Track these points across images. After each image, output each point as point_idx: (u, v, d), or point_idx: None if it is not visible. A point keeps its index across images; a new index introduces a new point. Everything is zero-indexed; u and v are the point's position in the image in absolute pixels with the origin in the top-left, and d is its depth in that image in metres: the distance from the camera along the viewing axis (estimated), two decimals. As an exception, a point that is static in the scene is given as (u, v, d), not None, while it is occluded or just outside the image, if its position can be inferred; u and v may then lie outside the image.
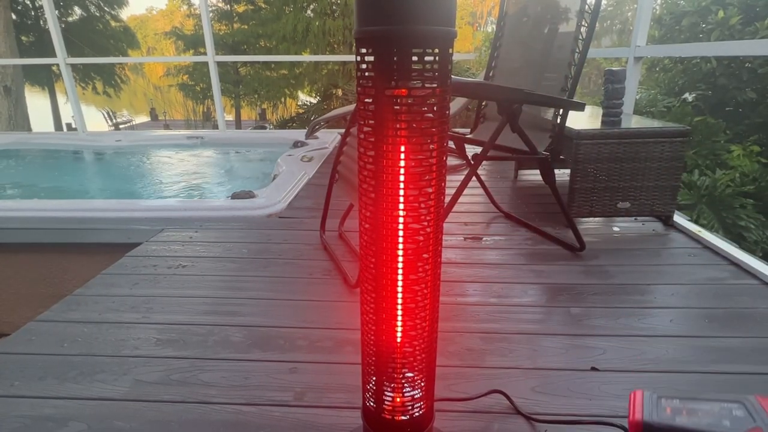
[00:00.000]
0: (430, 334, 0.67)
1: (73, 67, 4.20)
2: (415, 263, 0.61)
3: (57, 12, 5.04)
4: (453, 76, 0.57)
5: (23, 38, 12.28)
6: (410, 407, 0.71)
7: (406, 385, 0.69)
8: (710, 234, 1.78)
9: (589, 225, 2.01)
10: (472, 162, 1.54)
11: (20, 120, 8.39)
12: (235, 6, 13.57)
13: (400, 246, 0.60)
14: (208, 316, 1.31)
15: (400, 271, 0.61)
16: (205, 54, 3.89)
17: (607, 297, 1.40)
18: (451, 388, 1.01)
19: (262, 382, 1.03)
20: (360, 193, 0.61)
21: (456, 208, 2.16)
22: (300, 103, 13.32)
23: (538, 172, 1.72)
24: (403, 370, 0.68)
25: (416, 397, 0.70)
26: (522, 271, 1.58)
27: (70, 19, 13.39)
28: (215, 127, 7.48)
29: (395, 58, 0.51)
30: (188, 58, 15.65)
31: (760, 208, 4.19)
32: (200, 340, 1.19)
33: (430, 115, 0.55)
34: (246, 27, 13.37)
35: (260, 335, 1.21)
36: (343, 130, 1.87)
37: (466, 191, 1.53)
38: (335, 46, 11.22)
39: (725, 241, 1.74)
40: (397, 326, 0.65)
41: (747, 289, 1.44)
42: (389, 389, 0.69)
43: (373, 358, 0.68)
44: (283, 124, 12.49)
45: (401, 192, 0.57)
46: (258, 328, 1.24)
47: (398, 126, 0.54)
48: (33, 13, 12.57)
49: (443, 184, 0.60)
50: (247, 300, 1.40)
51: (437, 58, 0.52)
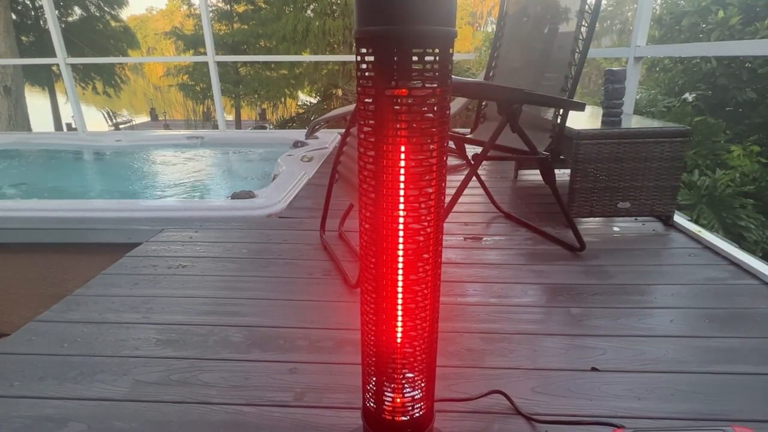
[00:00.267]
0: (430, 334, 0.67)
1: (73, 67, 4.20)
2: (415, 263, 0.61)
3: (57, 12, 5.03)
4: (453, 76, 0.56)
5: (23, 38, 12.27)
6: (410, 408, 0.71)
7: (406, 385, 0.69)
8: (710, 234, 1.78)
9: (589, 225, 2.01)
10: (472, 162, 1.54)
11: (20, 120, 8.39)
12: (235, 6, 13.57)
13: (400, 246, 0.60)
14: (208, 316, 1.31)
15: (400, 271, 0.61)
16: (205, 54, 3.89)
17: (607, 297, 1.40)
18: (451, 388, 1.00)
19: (262, 382, 1.03)
20: (360, 193, 0.61)
21: (456, 208, 2.16)
22: (300, 103, 13.32)
23: (538, 172, 1.72)
24: (404, 371, 0.68)
25: (416, 397, 0.70)
26: (522, 271, 1.58)
27: (70, 19, 13.39)
28: (215, 127, 7.48)
29: (395, 58, 0.51)
30: (188, 58, 15.64)
31: (760, 208, 4.19)
32: (200, 340, 1.19)
33: (430, 115, 0.54)
34: (246, 27, 13.37)
35: (260, 335, 1.21)
36: (343, 130, 1.87)
37: (466, 191, 1.53)
38: (335, 46, 11.22)
39: (725, 241, 1.74)
40: (397, 326, 0.65)
41: (747, 289, 1.44)
42: (389, 390, 0.69)
43: (373, 359, 0.68)
44: (283, 124, 12.49)
45: (401, 192, 0.57)
46: (258, 328, 1.24)
47: (398, 126, 0.54)
48: (33, 13, 12.56)
49: (443, 184, 0.60)
50: (247, 300, 1.40)
51: (437, 58, 0.52)
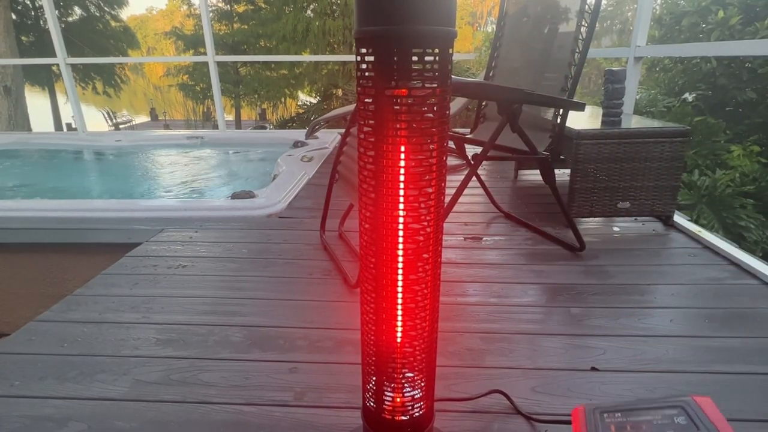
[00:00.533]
0: (430, 334, 0.67)
1: (73, 67, 4.20)
2: (415, 263, 0.61)
3: (57, 12, 5.03)
4: (453, 76, 0.56)
5: (23, 38, 12.27)
6: (410, 407, 0.71)
7: (406, 385, 0.69)
8: (710, 234, 1.78)
9: (589, 225, 2.01)
10: (472, 162, 1.54)
11: (20, 120, 8.39)
12: (235, 6, 13.57)
13: (400, 246, 0.60)
14: (208, 316, 1.31)
15: (400, 271, 0.61)
16: (205, 54, 3.89)
17: (607, 297, 1.40)
18: (451, 388, 1.01)
19: (262, 382, 1.03)
20: (360, 193, 0.61)
21: (456, 208, 2.16)
22: (300, 103, 13.32)
23: (538, 172, 1.72)
24: (403, 370, 0.68)
25: (416, 397, 0.70)
26: (522, 271, 1.58)
27: (70, 19, 13.39)
28: (215, 127, 7.48)
29: (395, 58, 0.51)
30: (188, 58, 15.65)
31: (760, 208, 4.19)
32: (200, 340, 1.19)
33: (430, 115, 0.55)
34: (246, 27, 13.37)
35: (260, 335, 1.21)
36: (343, 130, 1.87)
37: (466, 191, 1.53)
38: (335, 46, 11.22)
39: (725, 241, 1.74)
40: (397, 326, 0.65)
41: (747, 289, 1.44)
42: (389, 389, 0.69)
43: (373, 358, 0.68)
44: (283, 124, 12.49)
45: (401, 192, 0.57)
46: (258, 328, 1.24)
47: (398, 126, 0.54)
48: (33, 13, 12.56)
49: (443, 184, 0.60)
50: (247, 300, 1.40)
51: (437, 58, 0.52)
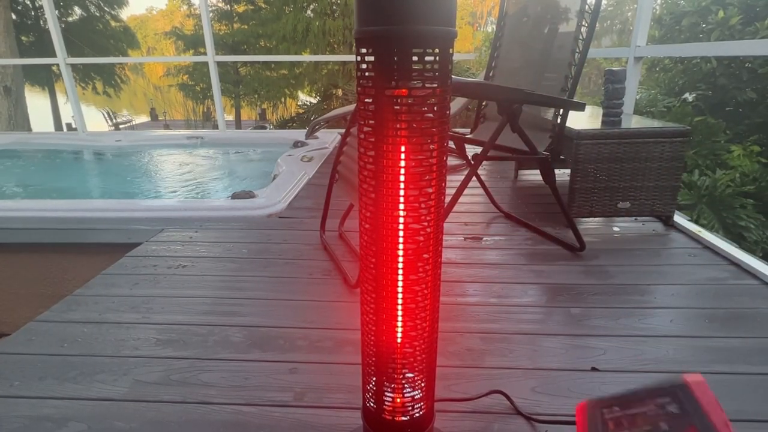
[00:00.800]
0: (430, 334, 0.67)
1: (73, 67, 4.20)
2: (415, 263, 0.61)
3: (57, 12, 5.03)
4: (453, 76, 0.56)
5: (23, 38, 12.27)
6: (410, 408, 0.71)
7: (406, 385, 0.69)
8: (710, 234, 1.78)
9: (589, 225, 2.01)
10: (472, 162, 1.54)
11: (20, 120, 8.39)
12: (235, 6, 13.57)
13: (400, 246, 0.60)
14: (208, 316, 1.31)
15: (400, 271, 0.61)
16: (205, 54, 3.89)
17: (607, 297, 1.40)
18: (451, 388, 1.00)
19: (262, 382, 1.03)
20: (360, 193, 0.60)
21: (456, 208, 2.16)
22: (300, 103, 13.32)
23: (538, 172, 1.72)
24: (403, 371, 0.68)
25: (416, 397, 0.70)
26: (522, 271, 1.58)
27: (70, 19, 13.38)
28: (215, 127, 7.48)
29: (395, 58, 0.51)
30: (188, 58, 15.64)
31: (760, 208, 4.19)
32: (200, 340, 1.19)
33: (430, 115, 0.54)
34: (246, 27, 13.37)
35: (260, 335, 1.21)
36: (343, 130, 1.87)
37: (466, 191, 1.53)
38: (335, 46, 11.22)
39: (725, 241, 1.74)
40: (397, 326, 0.65)
41: (747, 289, 1.44)
42: (389, 390, 0.69)
43: (373, 359, 0.68)
44: (283, 124, 12.48)
45: (401, 192, 0.57)
46: (258, 328, 1.24)
47: (398, 126, 0.54)
48: (33, 13, 12.56)
49: (443, 184, 0.60)
50: (247, 300, 1.40)
51: (437, 58, 0.52)
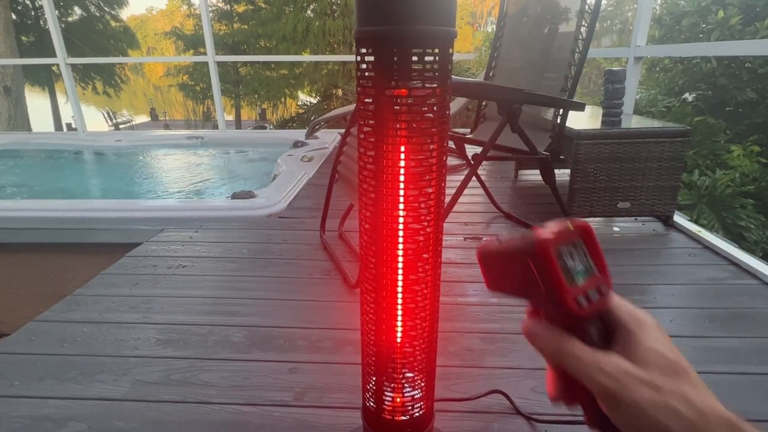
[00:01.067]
0: (430, 334, 0.67)
1: (73, 67, 4.20)
2: (415, 263, 0.61)
3: (57, 12, 5.03)
4: (453, 76, 0.56)
5: (23, 38, 12.27)
6: (410, 407, 0.71)
7: (406, 385, 0.69)
8: (710, 234, 1.78)
9: (589, 225, 2.00)
10: (472, 162, 1.54)
11: (20, 120, 8.39)
12: (235, 6, 13.57)
13: (400, 246, 0.60)
14: (208, 316, 1.31)
15: (400, 271, 0.61)
16: (205, 54, 3.89)
17: (607, 297, 1.40)
18: (451, 388, 1.00)
19: (262, 382, 1.03)
20: (360, 193, 0.60)
21: (456, 208, 2.15)
22: (300, 103, 13.32)
23: (538, 172, 1.72)
24: (403, 371, 0.68)
25: (416, 397, 0.70)
26: (522, 271, 1.58)
27: (70, 19, 13.39)
28: (215, 127, 7.48)
29: (395, 58, 0.51)
30: (188, 58, 15.64)
31: (760, 208, 4.19)
32: (200, 340, 1.19)
33: (430, 115, 0.54)
34: (246, 27, 13.37)
35: (260, 335, 1.21)
36: (343, 130, 1.87)
37: (466, 191, 1.53)
38: (335, 46, 11.22)
39: (725, 241, 1.74)
40: (397, 326, 0.65)
41: (747, 289, 1.44)
42: (389, 389, 0.69)
43: (373, 358, 0.68)
44: (283, 124, 12.48)
45: (401, 192, 0.57)
46: (258, 328, 1.24)
47: (398, 126, 0.54)
48: (33, 13, 12.56)
49: (443, 184, 0.60)
50: (247, 300, 1.40)
51: (437, 58, 0.52)
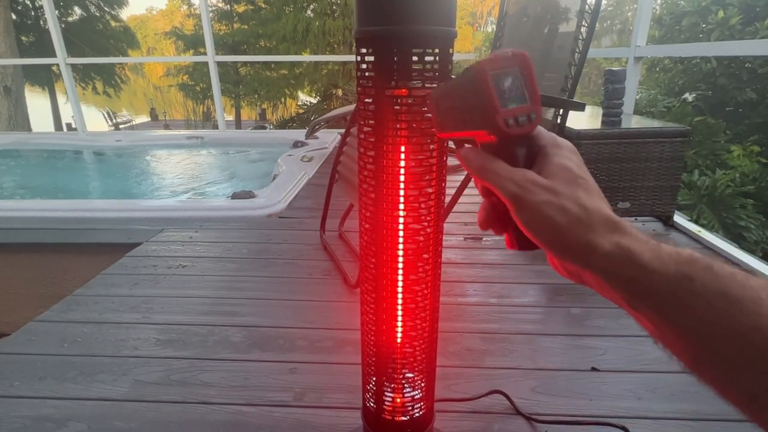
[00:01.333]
0: (430, 334, 0.67)
1: (73, 67, 4.20)
2: (415, 263, 0.61)
3: (57, 12, 5.03)
4: (453, 76, 0.56)
5: (23, 38, 12.27)
6: (410, 408, 0.71)
7: (406, 385, 0.69)
8: (710, 234, 1.78)
9: (589, 225, 2.00)
10: (472, 162, 1.54)
11: (20, 120, 8.39)
12: (235, 6, 13.57)
13: (400, 246, 0.60)
14: (208, 316, 1.31)
15: (400, 271, 0.61)
16: (205, 54, 3.89)
17: (607, 297, 1.40)
18: (451, 388, 1.00)
19: (262, 382, 1.03)
20: (360, 193, 0.60)
21: (456, 208, 2.15)
22: (300, 103, 13.33)
23: (538, 172, 1.72)
24: (403, 371, 0.68)
25: (416, 397, 0.70)
26: (522, 271, 1.58)
27: (70, 19, 13.39)
28: (215, 127, 7.48)
29: (395, 58, 0.51)
30: (188, 58, 15.65)
31: (760, 208, 4.19)
32: (200, 340, 1.19)
33: (430, 115, 0.54)
34: (246, 27, 13.38)
35: (260, 335, 1.21)
36: (343, 130, 1.87)
37: (466, 191, 1.53)
38: (335, 46, 11.23)
39: (725, 241, 1.74)
40: (397, 326, 0.65)
41: (747, 289, 1.43)
42: (389, 390, 0.69)
43: (373, 359, 0.68)
44: (283, 124, 12.49)
45: (401, 192, 0.57)
46: (258, 329, 1.24)
47: (398, 126, 0.54)
48: (33, 13, 12.57)
49: (443, 184, 0.60)
50: (247, 300, 1.40)
51: (437, 58, 0.52)
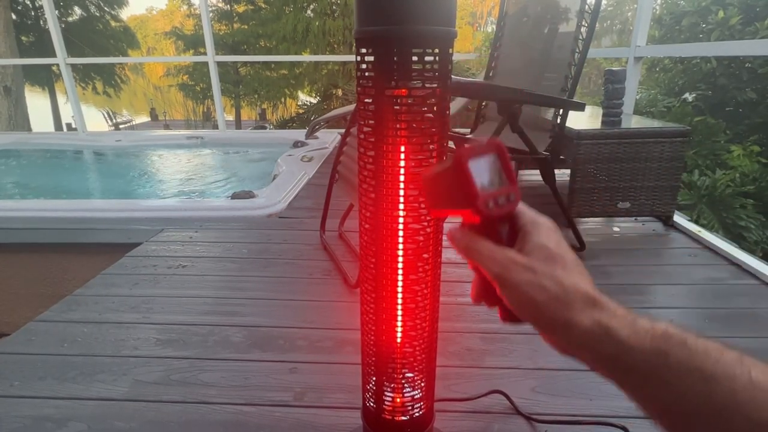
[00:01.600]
0: (430, 334, 0.67)
1: (73, 67, 4.20)
2: (415, 263, 0.61)
3: (57, 12, 5.03)
4: (453, 76, 0.56)
5: (23, 38, 12.27)
6: (410, 407, 0.71)
7: (406, 385, 0.69)
8: (710, 234, 1.78)
9: (589, 225, 2.00)
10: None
11: (20, 120, 8.39)
12: (235, 6, 13.56)
13: (400, 246, 0.60)
14: (208, 316, 1.31)
15: (400, 271, 0.61)
16: (205, 54, 3.89)
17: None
18: (451, 388, 1.00)
19: (262, 382, 1.03)
20: (360, 193, 0.60)
21: (456, 208, 2.16)
22: (300, 103, 13.31)
23: (538, 172, 1.72)
24: (403, 371, 0.68)
25: (416, 397, 0.70)
26: (522, 271, 1.58)
27: (70, 19, 13.39)
28: (215, 127, 7.48)
29: (395, 58, 0.51)
30: (188, 58, 15.64)
31: (760, 208, 4.19)
32: (200, 340, 1.19)
33: (430, 115, 0.54)
34: (246, 27, 13.36)
35: (260, 335, 1.21)
36: (343, 130, 1.87)
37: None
38: (335, 46, 11.21)
39: (725, 241, 1.74)
40: (397, 326, 0.65)
41: (747, 289, 1.44)
42: (389, 389, 0.69)
43: (373, 359, 0.68)
44: (283, 124, 12.47)
45: (401, 192, 0.57)
46: (258, 328, 1.24)
47: (398, 126, 0.54)
48: (33, 13, 12.56)
49: (443, 184, 0.60)
50: (247, 300, 1.40)
51: (437, 58, 0.52)
